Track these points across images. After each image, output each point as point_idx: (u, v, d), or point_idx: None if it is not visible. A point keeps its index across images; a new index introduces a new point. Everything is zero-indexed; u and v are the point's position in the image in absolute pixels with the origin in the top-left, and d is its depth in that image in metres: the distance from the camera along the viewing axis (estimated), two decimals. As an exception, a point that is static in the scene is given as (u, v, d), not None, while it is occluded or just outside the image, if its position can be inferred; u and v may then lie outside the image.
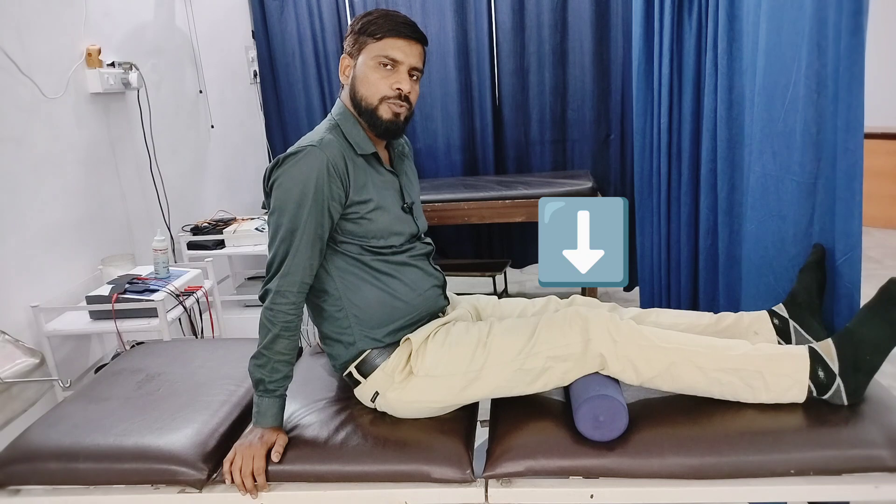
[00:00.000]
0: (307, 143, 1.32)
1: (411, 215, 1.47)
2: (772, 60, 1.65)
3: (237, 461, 1.26)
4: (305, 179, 1.29)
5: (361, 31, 1.36)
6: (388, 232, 1.40)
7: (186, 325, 2.30)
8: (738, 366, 1.26)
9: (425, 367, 1.35)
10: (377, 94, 1.36)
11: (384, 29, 1.34)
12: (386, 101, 1.36)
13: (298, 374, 1.60)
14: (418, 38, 1.37)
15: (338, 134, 1.38)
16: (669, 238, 2.72)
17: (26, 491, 1.32)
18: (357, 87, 1.38)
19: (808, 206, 1.51)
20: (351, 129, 1.39)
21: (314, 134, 1.38)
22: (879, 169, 4.45)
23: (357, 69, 1.38)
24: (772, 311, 1.45)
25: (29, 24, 2.07)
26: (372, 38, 1.35)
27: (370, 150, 1.40)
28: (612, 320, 1.30)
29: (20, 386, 1.72)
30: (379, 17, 1.36)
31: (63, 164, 2.20)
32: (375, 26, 1.35)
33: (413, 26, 1.37)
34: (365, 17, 1.38)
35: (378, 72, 1.35)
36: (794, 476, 1.17)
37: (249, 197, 3.54)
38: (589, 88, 3.48)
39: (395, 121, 1.38)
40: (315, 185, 1.29)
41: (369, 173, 1.39)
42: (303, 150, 1.31)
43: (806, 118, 1.48)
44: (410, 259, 1.44)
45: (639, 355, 1.28)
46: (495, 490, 1.23)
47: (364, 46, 1.36)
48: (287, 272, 1.30)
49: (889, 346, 1.23)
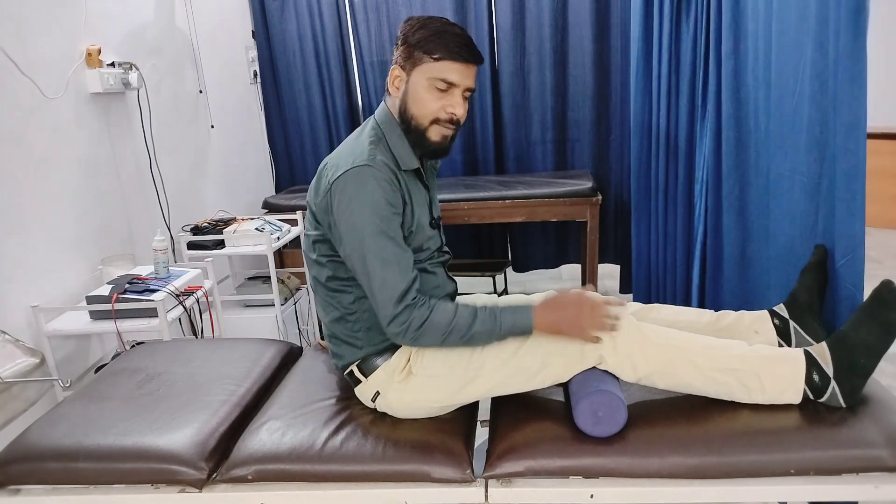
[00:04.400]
0: (361, 163, 1.29)
1: (438, 230, 1.48)
2: (782, 60, 1.65)
3: (595, 326, 1.26)
4: (374, 199, 1.27)
5: (418, 45, 1.32)
6: (418, 248, 1.40)
7: (186, 325, 2.30)
8: (735, 366, 1.26)
9: (425, 366, 1.35)
10: (429, 116, 1.34)
11: (442, 49, 1.30)
12: (437, 123, 1.34)
13: (298, 374, 1.61)
14: (477, 60, 1.34)
15: (384, 148, 1.35)
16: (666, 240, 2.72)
17: (26, 491, 1.32)
18: (409, 104, 1.35)
19: (814, 205, 1.51)
20: (397, 142, 1.37)
21: (360, 144, 1.35)
22: (881, 169, 4.45)
23: (410, 85, 1.34)
24: (772, 312, 1.45)
25: (29, 24, 2.07)
26: (429, 56, 1.31)
27: (414, 165, 1.38)
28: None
29: (20, 386, 1.72)
30: (436, 34, 1.31)
31: (63, 164, 2.19)
32: (433, 45, 1.30)
33: (471, 48, 1.33)
34: (420, 28, 1.33)
35: (432, 93, 1.32)
36: (794, 476, 1.17)
37: (249, 197, 3.54)
38: (589, 88, 3.48)
39: (443, 143, 1.37)
40: (384, 201, 1.27)
41: (411, 189, 1.38)
42: (359, 172, 1.28)
43: (810, 118, 1.48)
44: (430, 267, 1.45)
45: (637, 352, 1.28)
46: (495, 490, 1.23)
47: (419, 63, 1.32)
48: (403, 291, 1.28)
49: (882, 348, 1.23)
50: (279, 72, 3.70)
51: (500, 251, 3.84)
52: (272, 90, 3.74)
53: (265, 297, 2.90)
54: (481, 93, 3.59)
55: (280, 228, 2.80)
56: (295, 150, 3.83)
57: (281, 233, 2.78)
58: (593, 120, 3.52)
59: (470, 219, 3.14)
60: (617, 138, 3.51)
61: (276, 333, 2.81)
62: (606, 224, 3.52)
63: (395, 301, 1.27)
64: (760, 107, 1.84)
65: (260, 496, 1.27)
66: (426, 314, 1.28)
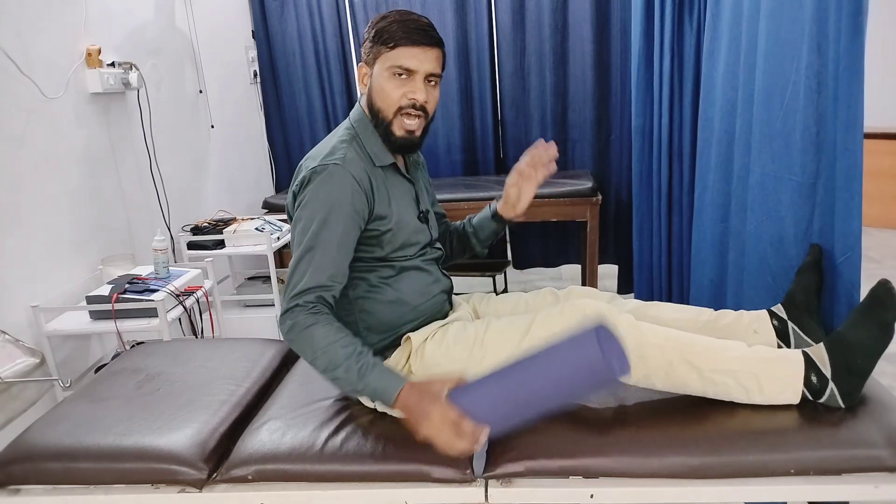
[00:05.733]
0: (330, 161, 1.29)
1: (426, 224, 1.47)
2: (771, 61, 1.65)
3: (445, 444, 1.15)
4: (331, 200, 1.27)
5: (376, 38, 1.33)
6: (405, 244, 1.40)
7: (186, 325, 2.30)
8: (733, 367, 1.26)
9: (424, 366, 1.36)
10: (392, 106, 1.34)
11: (396, 37, 1.30)
12: (400, 113, 1.34)
13: (298, 374, 1.61)
14: (433, 42, 1.32)
15: (357, 146, 1.36)
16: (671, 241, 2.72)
17: (26, 491, 1.32)
18: (374, 98, 1.36)
19: (808, 206, 1.51)
20: (369, 138, 1.37)
21: (331, 143, 1.35)
22: (879, 169, 4.46)
23: (373, 79, 1.35)
24: (771, 312, 1.45)
25: (29, 24, 2.07)
26: (385, 46, 1.31)
27: (388, 161, 1.39)
28: (610, 315, 1.30)
29: (20, 386, 1.72)
30: (392, 22, 1.32)
31: (63, 164, 2.20)
32: (388, 34, 1.31)
33: (426, 31, 1.32)
34: (379, 22, 1.34)
35: (392, 81, 1.32)
36: (794, 476, 1.17)
37: (249, 197, 3.54)
38: (590, 89, 3.48)
39: (407, 137, 1.36)
40: (340, 204, 1.27)
41: (389, 184, 1.38)
42: (326, 169, 1.28)
43: (806, 118, 1.48)
44: (423, 264, 1.44)
45: (635, 352, 1.27)
46: (495, 490, 1.23)
47: (379, 55, 1.33)
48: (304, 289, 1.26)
49: (880, 348, 1.23)
50: (279, 72, 3.70)
51: (499, 251, 3.84)
52: (272, 90, 3.74)
53: (265, 297, 2.90)
54: (481, 93, 3.59)
55: (280, 228, 2.81)
56: (295, 150, 3.83)
57: (281, 233, 2.78)
58: (593, 120, 3.52)
59: (470, 219, 3.14)
60: (617, 138, 3.51)
61: (276, 333, 2.81)
62: (606, 224, 3.52)
63: (292, 294, 1.25)
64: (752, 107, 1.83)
65: (260, 496, 1.27)
66: (307, 323, 1.22)
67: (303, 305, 1.25)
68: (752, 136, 1.77)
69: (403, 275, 1.41)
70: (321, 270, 1.27)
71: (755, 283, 1.79)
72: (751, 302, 1.81)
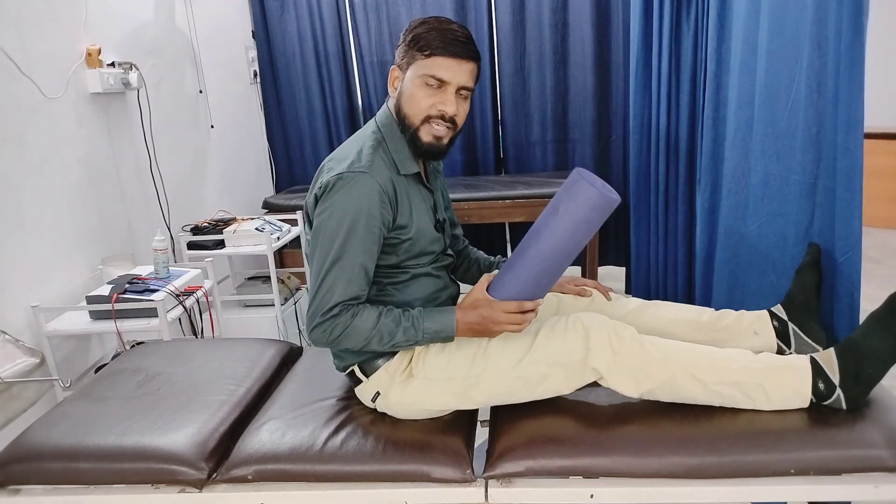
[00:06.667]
0: (357, 168, 1.28)
1: (442, 233, 1.46)
2: (774, 61, 1.65)
3: (518, 329, 1.28)
4: (357, 209, 1.26)
5: (412, 44, 1.31)
6: (421, 252, 1.39)
7: (186, 325, 2.30)
8: (739, 379, 1.25)
9: (425, 370, 1.35)
10: (420, 114, 1.32)
11: (433, 46, 1.28)
12: (428, 121, 1.32)
13: (298, 374, 1.61)
14: (470, 56, 1.30)
15: (383, 151, 1.34)
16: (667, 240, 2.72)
17: (26, 491, 1.32)
18: (402, 104, 1.34)
19: (809, 206, 1.51)
20: (396, 144, 1.36)
21: (356, 147, 1.33)
22: (879, 169, 4.45)
23: (404, 84, 1.33)
24: (771, 313, 1.44)
25: (29, 24, 2.07)
26: (420, 53, 1.29)
27: (413, 170, 1.37)
28: (613, 330, 1.29)
29: (20, 386, 1.72)
30: (430, 30, 1.29)
31: (63, 164, 2.19)
32: (425, 42, 1.28)
33: (465, 43, 1.30)
34: (417, 27, 1.32)
35: (423, 90, 1.30)
36: (794, 476, 1.17)
37: (249, 197, 3.54)
38: (590, 89, 3.48)
39: (435, 144, 1.35)
40: (367, 213, 1.26)
41: (411, 193, 1.37)
42: (354, 177, 1.27)
43: (806, 118, 1.48)
44: (434, 270, 1.44)
45: (639, 368, 1.27)
46: (495, 490, 1.23)
47: (413, 61, 1.31)
48: (336, 302, 1.27)
49: (893, 359, 1.22)
50: (279, 72, 3.70)
51: (500, 251, 3.84)
52: (272, 90, 3.74)
53: (265, 297, 2.90)
54: (481, 93, 3.59)
55: (280, 228, 2.81)
56: (295, 150, 3.83)
57: (281, 233, 2.78)
58: (593, 120, 3.52)
59: (470, 219, 3.14)
60: (617, 138, 3.51)
61: (276, 333, 2.81)
62: (607, 224, 3.52)
63: (325, 310, 1.27)
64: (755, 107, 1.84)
65: (260, 496, 1.27)
66: (349, 321, 1.27)
67: (336, 315, 1.27)
68: (757, 136, 1.77)
69: (415, 281, 1.41)
70: (351, 283, 1.28)
71: (759, 282, 1.79)
72: (754, 301, 1.81)
